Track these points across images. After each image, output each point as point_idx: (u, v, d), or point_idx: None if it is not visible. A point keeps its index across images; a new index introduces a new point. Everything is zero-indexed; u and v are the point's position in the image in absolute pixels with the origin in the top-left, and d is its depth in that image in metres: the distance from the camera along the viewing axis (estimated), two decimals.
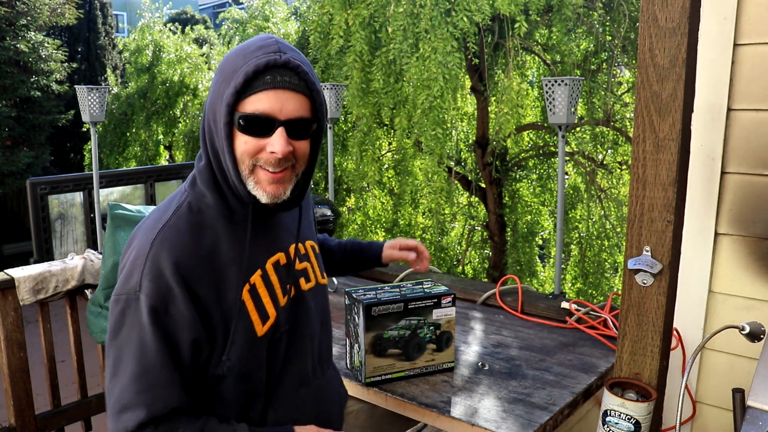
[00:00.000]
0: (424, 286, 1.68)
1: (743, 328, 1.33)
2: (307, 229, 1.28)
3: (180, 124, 9.71)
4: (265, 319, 1.12)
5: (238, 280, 1.08)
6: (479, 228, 7.60)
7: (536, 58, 6.68)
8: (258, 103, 1.01)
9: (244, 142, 1.03)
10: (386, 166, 7.34)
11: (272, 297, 1.14)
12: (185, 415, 1.06)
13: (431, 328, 1.63)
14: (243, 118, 1.02)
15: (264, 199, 1.07)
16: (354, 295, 1.60)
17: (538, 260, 7.32)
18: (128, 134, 9.80)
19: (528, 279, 6.89)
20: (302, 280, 1.22)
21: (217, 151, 1.07)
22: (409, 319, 1.60)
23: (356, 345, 1.61)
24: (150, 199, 6.49)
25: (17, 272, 2.39)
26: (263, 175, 1.05)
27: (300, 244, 1.23)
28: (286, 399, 1.20)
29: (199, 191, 1.11)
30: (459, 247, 7.67)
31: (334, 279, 2.49)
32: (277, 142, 1.02)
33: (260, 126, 1.02)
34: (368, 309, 1.55)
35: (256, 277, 1.11)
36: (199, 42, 12.36)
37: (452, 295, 1.64)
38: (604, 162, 6.59)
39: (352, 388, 1.63)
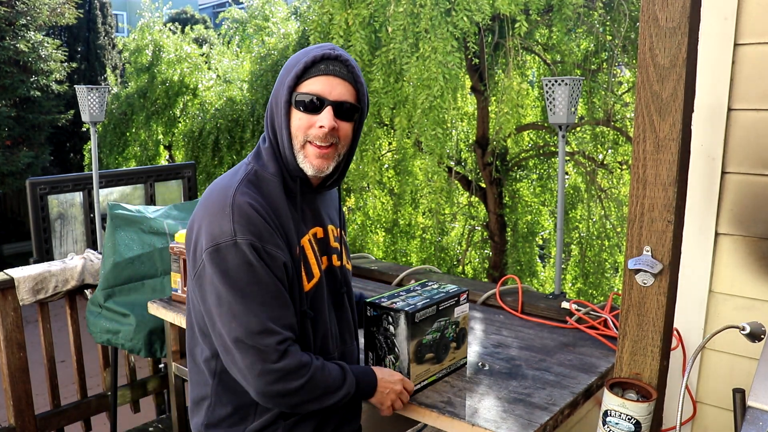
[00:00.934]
0: (436, 287, 1.67)
1: (744, 328, 1.33)
2: (342, 219, 1.50)
3: (180, 124, 9.70)
4: (310, 277, 1.32)
5: (295, 237, 1.29)
6: (479, 228, 7.60)
7: (536, 57, 6.68)
8: (312, 85, 1.24)
9: (298, 119, 1.25)
10: (386, 166, 7.34)
11: (316, 260, 1.35)
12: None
13: (453, 326, 1.62)
14: (299, 96, 1.24)
15: (310, 171, 1.27)
16: (383, 304, 1.52)
17: (539, 260, 7.32)
18: (128, 134, 9.79)
19: (528, 279, 6.89)
20: (335, 257, 1.42)
21: (275, 129, 1.29)
22: (440, 320, 1.57)
23: (389, 357, 1.53)
24: (150, 199, 6.49)
25: (17, 272, 2.39)
26: (311, 149, 1.26)
27: (335, 227, 1.44)
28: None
29: (262, 163, 1.31)
30: (459, 247, 7.67)
31: None
32: (324, 118, 1.23)
33: (313, 104, 1.24)
34: (412, 317, 1.48)
35: (305, 240, 1.32)
36: (199, 42, 12.36)
37: (467, 292, 1.66)
38: (605, 162, 6.59)
39: None
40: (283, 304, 1.22)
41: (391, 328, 1.51)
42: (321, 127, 1.23)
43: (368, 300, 1.53)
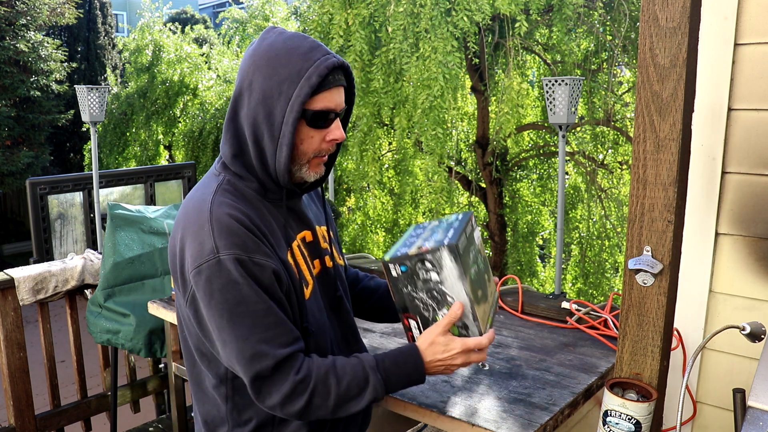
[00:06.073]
0: (436, 222, 1.34)
1: (744, 328, 1.33)
2: (327, 214, 1.41)
3: (180, 124, 9.70)
4: (306, 284, 1.23)
5: (283, 244, 1.20)
6: (479, 228, 7.60)
7: (536, 57, 6.68)
8: (326, 100, 1.15)
9: (311, 136, 1.17)
10: (386, 165, 7.34)
11: (308, 267, 1.25)
12: (312, 355, 1.16)
13: (479, 255, 1.31)
14: (316, 114, 1.15)
15: (312, 178, 1.22)
16: (411, 252, 1.17)
17: (539, 260, 7.32)
18: (128, 134, 9.80)
19: (528, 279, 6.89)
20: (327, 258, 1.33)
21: (264, 142, 1.15)
22: (470, 250, 1.24)
23: (441, 312, 1.19)
24: (150, 199, 6.49)
25: (17, 272, 2.39)
26: (316, 161, 1.21)
27: (323, 227, 1.35)
28: None
29: (234, 174, 1.21)
30: None
31: None
32: (337, 131, 1.19)
33: (325, 119, 1.17)
34: (457, 249, 1.14)
35: (294, 246, 1.23)
36: (199, 42, 12.37)
37: (472, 214, 1.36)
38: (605, 162, 6.59)
39: None
40: (275, 321, 1.11)
41: (433, 275, 1.17)
42: (333, 139, 1.18)
43: (388, 257, 1.19)
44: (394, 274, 1.19)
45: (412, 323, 1.23)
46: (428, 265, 1.17)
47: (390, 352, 1.19)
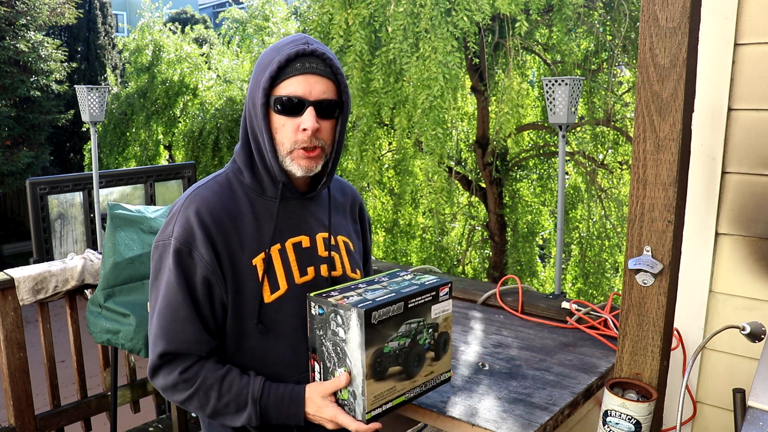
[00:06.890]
0: (408, 278, 1.30)
1: (744, 328, 1.33)
2: (340, 225, 1.38)
3: (180, 124, 9.70)
4: (274, 288, 1.23)
5: (255, 246, 1.22)
6: (479, 228, 7.60)
7: (536, 57, 6.68)
8: (290, 86, 1.17)
9: (282, 125, 1.19)
10: (386, 166, 7.34)
11: (287, 272, 1.24)
12: (211, 361, 1.21)
13: (430, 330, 1.24)
14: (278, 100, 1.17)
15: (299, 172, 1.21)
16: (330, 299, 1.15)
17: (539, 260, 7.32)
18: (128, 134, 9.80)
19: (528, 279, 6.89)
20: (324, 267, 1.30)
21: (255, 132, 1.22)
22: (409, 322, 1.19)
23: (340, 370, 1.16)
24: (150, 199, 6.49)
25: (17, 272, 2.38)
26: (298, 153, 1.20)
27: (331, 236, 1.33)
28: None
29: (237, 168, 1.27)
30: (459, 247, 7.67)
31: None
32: (307, 119, 1.17)
33: (293, 107, 1.18)
34: (368, 315, 1.10)
35: (273, 250, 1.24)
36: (199, 42, 12.37)
37: (449, 285, 1.28)
38: (605, 162, 6.59)
39: None
40: (185, 317, 1.17)
41: (341, 331, 1.14)
42: (304, 129, 1.17)
43: (313, 293, 1.20)
44: (312, 311, 1.19)
45: (316, 366, 1.21)
46: (339, 319, 1.14)
47: (280, 389, 1.20)
